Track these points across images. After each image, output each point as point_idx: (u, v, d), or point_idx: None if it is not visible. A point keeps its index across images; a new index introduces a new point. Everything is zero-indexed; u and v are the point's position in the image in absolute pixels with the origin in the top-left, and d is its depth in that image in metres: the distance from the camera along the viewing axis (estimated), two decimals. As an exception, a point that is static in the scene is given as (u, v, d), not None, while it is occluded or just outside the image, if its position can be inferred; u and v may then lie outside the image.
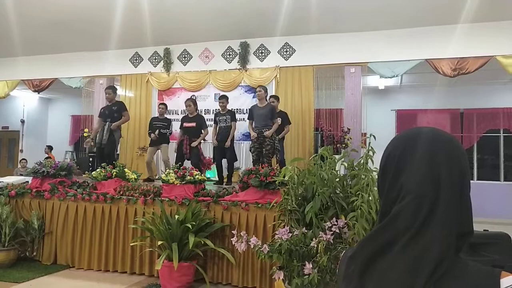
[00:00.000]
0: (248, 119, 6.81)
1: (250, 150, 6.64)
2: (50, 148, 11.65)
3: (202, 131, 6.97)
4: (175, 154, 7.09)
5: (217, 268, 4.97)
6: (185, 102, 7.16)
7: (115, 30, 7.52)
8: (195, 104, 7.14)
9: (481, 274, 0.73)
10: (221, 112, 7.02)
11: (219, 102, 7.06)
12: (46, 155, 10.97)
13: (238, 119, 7.49)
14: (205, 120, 7.21)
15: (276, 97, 7.18)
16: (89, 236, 5.52)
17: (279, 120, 6.82)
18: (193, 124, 6.87)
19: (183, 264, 4.48)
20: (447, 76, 6.90)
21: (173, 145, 7.89)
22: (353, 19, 6.91)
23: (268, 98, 6.93)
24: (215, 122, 7.05)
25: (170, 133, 7.52)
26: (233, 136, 6.96)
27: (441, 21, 6.72)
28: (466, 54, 6.75)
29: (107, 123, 6.90)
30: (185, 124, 6.97)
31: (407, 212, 0.77)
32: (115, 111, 7.00)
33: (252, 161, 6.56)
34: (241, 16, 7.02)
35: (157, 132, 7.30)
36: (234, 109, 7.58)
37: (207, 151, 7.75)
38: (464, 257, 0.76)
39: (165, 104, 7.80)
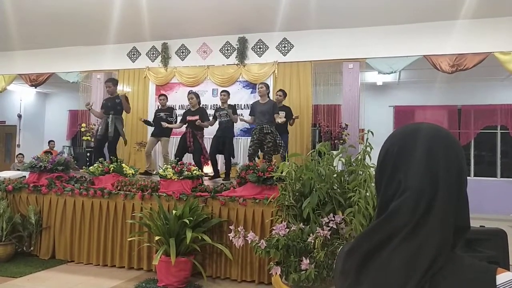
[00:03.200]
0: (249, 115, 6.79)
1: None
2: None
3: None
4: (177, 146, 7.11)
5: (215, 263, 4.99)
6: (188, 95, 7.11)
7: (113, 25, 7.49)
8: (198, 97, 7.11)
9: (477, 270, 0.73)
10: (221, 107, 7.01)
11: (221, 95, 7.02)
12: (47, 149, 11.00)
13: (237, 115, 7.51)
14: (207, 113, 7.20)
15: (283, 92, 7.18)
16: (87, 231, 5.52)
17: (283, 115, 6.81)
18: (197, 117, 6.85)
19: (180, 259, 4.49)
20: (445, 72, 6.90)
21: (173, 140, 7.88)
22: (351, 14, 6.89)
23: (276, 92, 6.99)
24: (215, 117, 7.04)
25: (175, 121, 7.45)
26: (232, 128, 6.96)
27: (440, 17, 6.72)
28: (464, 51, 6.75)
29: (111, 115, 6.90)
30: (189, 118, 6.96)
31: (405, 208, 0.77)
32: (118, 103, 7.01)
33: (248, 155, 6.48)
34: (240, 11, 6.99)
35: (156, 126, 7.29)
36: (236, 105, 7.57)
37: (207, 145, 7.76)
38: (460, 253, 0.77)
39: (165, 95, 7.77)
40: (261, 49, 7.99)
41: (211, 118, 7.20)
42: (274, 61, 7.87)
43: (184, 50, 8.49)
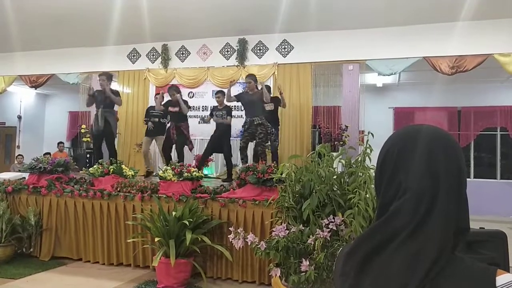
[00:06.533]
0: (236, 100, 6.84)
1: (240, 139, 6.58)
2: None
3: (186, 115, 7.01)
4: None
5: (216, 264, 4.99)
6: (168, 91, 7.15)
7: (113, 26, 7.49)
8: (178, 92, 7.12)
9: (477, 271, 0.73)
10: (218, 107, 7.01)
11: (216, 97, 7.04)
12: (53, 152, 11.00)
13: (236, 116, 7.51)
14: (188, 103, 7.20)
15: (267, 87, 7.15)
16: (87, 232, 5.53)
17: (271, 106, 6.89)
18: (177, 109, 6.86)
19: (180, 260, 4.49)
20: (445, 74, 6.90)
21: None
22: (351, 16, 6.90)
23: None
24: (211, 115, 7.04)
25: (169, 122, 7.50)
26: (230, 128, 6.96)
27: (440, 19, 6.72)
28: (464, 52, 6.76)
29: (100, 109, 6.88)
30: (170, 109, 6.98)
31: (406, 209, 0.77)
32: (107, 97, 6.95)
33: (240, 148, 6.55)
34: (240, 12, 7.00)
35: (151, 122, 7.30)
36: (232, 106, 7.56)
37: (200, 146, 7.78)
38: (460, 255, 0.77)
39: (161, 95, 7.77)
40: (261, 51, 8.00)
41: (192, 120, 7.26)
42: (274, 63, 7.87)
43: (184, 52, 8.49)
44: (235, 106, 7.92)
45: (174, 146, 7.04)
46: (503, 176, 10.35)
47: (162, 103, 7.39)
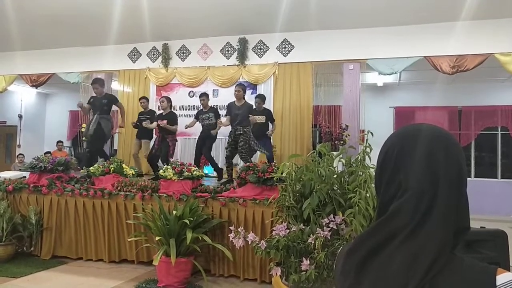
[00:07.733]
0: (225, 115, 6.66)
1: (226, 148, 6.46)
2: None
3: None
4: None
5: (217, 263, 5.00)
6: (160, 98, 7.15)
7: (114, 26, 7.49)
8: (169, 101, 7.07)
9: (477, 270, 0.73)
10: (203, 110, 6.93)
11: (200, 100, 6.94)
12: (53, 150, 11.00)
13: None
14: (177, 117, 7.08)
15: (261, 97, 7.12)
16: (87, 230, 5.54)
17: (263, 119, 6.85)
18: (165, 122, 6.77)
19: (180, 259, 4.49)
20: (446, 73, 6.90)
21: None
22: (352, 15, 6.89)
23: (255, 98, 6.99)
24: (196, 118, 6.95)
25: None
26: (215, 127, 6.78)
27: (440, 18, 6.72)
28: (465, 52, 6.75)
29: (96, 115, 6.87)
30: (158, 121, 6.86)
31: (406, 208, 0.77)
32: (105, 104, 6.96)
33: (225, 157, 6.47)
34: (240, 12, 7.00)
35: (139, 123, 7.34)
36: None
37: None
38: (460, 254, 0.77)
39: (146, 98, 7.78)
40: (262, 50, 7.99)
41: (192, 118, 7.16)
42: (275, 62, 7.87)
43: (184, 51, 8.49)
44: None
45: (155, 155, 6.95)
46: (503, 176, 10.34)
47: (146, 108, 7.47)
